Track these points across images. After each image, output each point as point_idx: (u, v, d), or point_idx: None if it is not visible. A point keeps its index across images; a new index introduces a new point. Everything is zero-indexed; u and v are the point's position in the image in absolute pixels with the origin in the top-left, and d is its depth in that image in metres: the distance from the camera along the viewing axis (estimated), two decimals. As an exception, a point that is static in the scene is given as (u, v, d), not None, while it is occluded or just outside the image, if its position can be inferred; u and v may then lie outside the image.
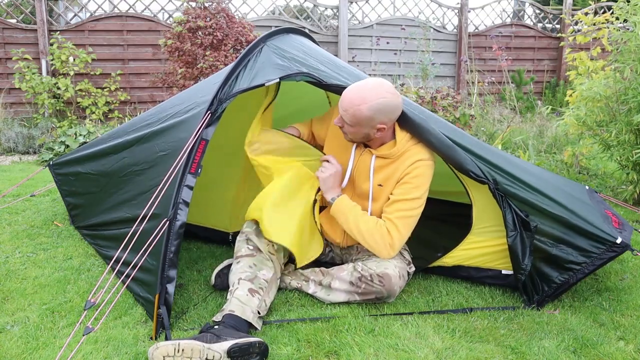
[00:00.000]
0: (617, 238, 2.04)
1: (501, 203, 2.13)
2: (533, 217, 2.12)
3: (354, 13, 7.98)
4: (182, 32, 5.88)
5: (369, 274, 2.11)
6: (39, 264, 2.53)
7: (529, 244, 2.10)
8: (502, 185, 2.13)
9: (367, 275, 2.11)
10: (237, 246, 2.19)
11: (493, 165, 2.18)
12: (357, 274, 2.13)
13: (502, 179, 2.15)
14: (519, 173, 2.22)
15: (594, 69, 4.04)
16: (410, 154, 2.18)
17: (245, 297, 1.95)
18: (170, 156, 2.12)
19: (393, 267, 2.13)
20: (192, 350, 1.63)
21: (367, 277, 2.11)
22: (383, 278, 2.09)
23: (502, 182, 2.14)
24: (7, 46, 6.47)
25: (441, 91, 5.30)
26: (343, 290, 2.15)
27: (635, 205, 3.59)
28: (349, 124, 2.12)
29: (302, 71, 2.16)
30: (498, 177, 2.15)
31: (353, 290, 2.13)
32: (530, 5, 8.83)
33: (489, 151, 2.34)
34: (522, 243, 2.11)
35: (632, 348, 1.87)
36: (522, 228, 2.11)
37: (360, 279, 2.12)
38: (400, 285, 2.15)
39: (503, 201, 2.13)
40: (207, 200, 2.75)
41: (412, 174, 2.17)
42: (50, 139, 5.61)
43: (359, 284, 2.12)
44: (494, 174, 2.15)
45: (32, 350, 1.79)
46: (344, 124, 2.16)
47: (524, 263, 2.11)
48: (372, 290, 2.11)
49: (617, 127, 3.54)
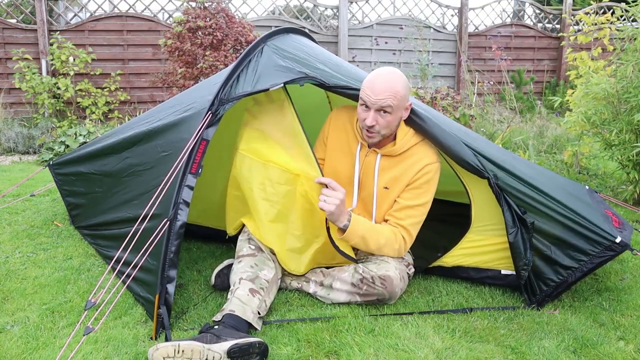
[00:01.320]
0: (617, 237, 2.04)
1: (500, 200, 2.14)
2: (532, 214, 2.13)
3: (354, 13, 7.98)
4: (182, 32, 5.88)
5: (370, 276, 2.11)
6: (39, 264, 2.53)
7: (528, 239, 2.12)
8: (501, 180, 2.14)
9: (369, 277, 2.11)
10: (238, 245, 2.20)
11: (493, 161, 2.18)
12: (359, 276, 2.13)
13: (502, 175, 2.16)
14: (519, 170, 2.23)
15: (595, 68, 4.04)
16: (418, 156, 2.19)
17: (246, 297, 1.95)
18: (171, 156, 2.12)
19: (394, 269, 2.14)
20: (192, 351, 1.63)
21: (368, 279, 2.11)
22: (385, 280, 2.09)
23: (501, 178, 2.15)
24: (7, 46, 6.47)
25: (441, 91, 5.30)
26: (344, 291, 2.15)
27: (635, 205, 3.59)
28: (389, 112, 2.08)
29: (306, 75, 2.15)
30: (498, 173, 2.16)
31: (354, 292, 2.13)
32: (530, 5, 8.83)
33: (490, 147, 2.35)
34: (522, 239, 2.12)
35: (632, 348, 1.87)
36: (520, 225, 2.13)
37: (362, 280, 2.12)
38: (402, 287, 2.16)
39: (501, 198, 2.14)
40: (206, 199, 2.75)
41: (422, 179, 2.19)
42: (50, 139, 5.61)
43: (361, 285, 2.12)
44: (495, 170, 2.16)
45: (32, 350, 1.79)
46: (380, 117, 2.10)
47: (527, 257, 2.12)
48: (373, 292, 2.11)
49: (618, 126, 3.54)
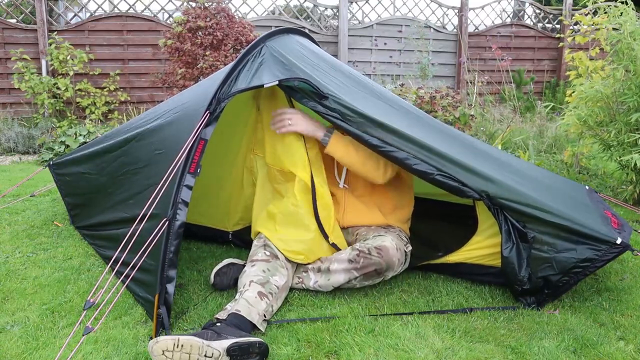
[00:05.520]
0: (617, 239, 2.04)
1: (497, 216, 2.11)
2: (531, 225, 2.08)
3: (354, 13, 7.98)
4: (182, 32, 5.88)
5: (366, 248, 2.15)
6: (39, 264, 2.53)
7: (525, 256, 2.08)
8: (496, 199, 2.10)
9: (365, 249, 2.14)
10: (253, 250, 2.22)
11: (486, 177, 2.14)
12: (355, 252, 2.16)
13: (497, 191, 2.10)
14: (515, 181, 2.19)
15: (593, 69, 4.04)
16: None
17: (254, 299, 1.95)
18: (165, 155, 2.12)
19: (390, 240, 2.17)
20: (191, 346, 1.63)
21: (364, 251, 2.14)
22: (381, 250, 2.12)
23: (496, 195, 2.10)
24: (7, 46, 6.47)
25: (440, 91, 5.29)
26: (342, 270, 2.16)
27: (635, 205, 3.58)
28: None
29: (298, 77, 2.14)
30: (492, 188, 2.11)
31: (352, 268, 2.15)
32: (530, 5, 8.83)
33: (483, 159, 2.30)
34: (518, 255, 2.09)
35: (632, 348, 1.87)
36: (519, 239, 2.09)
37: (358, 254, 2.15)
38: (399, 258, 2.17)
39: (499, 214, 2.11)
40: (206, 198, 2.75)
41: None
42: (50, 139, 5.61)
43: (357, 259, 2.14)
44: (488, 187, 2.11)
45: (32, 350, 1.79)
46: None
47: (521, 274, 2.08)
48: (370, 262, 2.12)
49: (617, 127, 3.55)
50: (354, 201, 2.44)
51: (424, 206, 2.83)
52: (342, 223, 2.45)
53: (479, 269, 2.32)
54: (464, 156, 2.21)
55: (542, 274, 2.09)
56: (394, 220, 2.43)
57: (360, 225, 2.43)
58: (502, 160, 2.50)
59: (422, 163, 2.11)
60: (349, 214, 2.44)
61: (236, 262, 2.34)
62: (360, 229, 2.41)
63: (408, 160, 2.11)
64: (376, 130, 2.12)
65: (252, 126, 2.61)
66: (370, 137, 2.12)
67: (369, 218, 2.42)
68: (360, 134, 2.12)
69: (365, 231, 2.38)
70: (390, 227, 2.39)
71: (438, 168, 2.11)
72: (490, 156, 2.46)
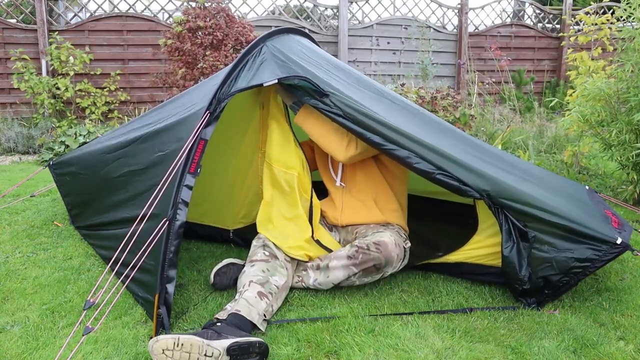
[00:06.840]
0: (617, 239, 2.04)
1: (497, 215, 2.11)
2: (532, 225, 2.08)
3: (354, 13, 7.98)
4: (182, 32, 5.87)
5: (365, 244, 2.15)
6: (39, 264, 2.53)
7: (526, 255, 2.08)
8: (497, 198, 2.10)
9: (364, 245, 2.15)
10: (252, 250, 2.22)
11: (487, 177, 2.13)
12: (354, 248, 2.17)
13: (498, 190, 2.10)
14: (516, 181, 2.19)
15: (595, 68, 4.04)
16: None
17: (254, 299, 1.96)
18: (169, 156, 2.12)
19: (388, 235, 2.19)
20: (191, 345, 1.63)
21: (363, 247, 2.15)
22: (379, 245, 2.13)
23: (497, 195, 2.10)
24: (7, 46, 6.47)
25: (441, 91, 5.30)
26: (341, 266, 2.16)
27: (635, 205, 3.58)
28: None
29: (298, 75, 2.15)
30: (493, 188, 2.11)
31: (351, 264, 2.15)
32: (530, 5, 8.83)
33: (483, 159, 2.30)
34: (518, 254, 2.08)
35: (632, 348, 1.87)
36: (519, 239, 2.09)
37: (357, 250, 2.15)
38: (397, 253, 2.17)
39: (499, 213, 2.11)
40: (206, 197, 2.75)
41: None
42: (50, 139, 5.61)
43: (356, 255, 2.15)
44: (489, 186, 2.11)
45: (32, 350, 1.79)
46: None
47: (521, 274, 2.08)
48: (369, 257, 2.12)
49: (618, 127, 3.54)
50: (351, 199, 2.44)
51: (424, 205, 2.84)
52: (340, 222, 2.45)
53: (479, 268, 2.32)
54: (465, 155, 2.22)
55: (542, 273, 2.09)
56: (392, 218, 2.43)
57: (359, 223, 2.43)
58: (503, 160, 2.49)
59: (423, 162, 2.11)
60: (347, 213, 2.45)
61: (236, 262, 2.34)
62: (360, 227, 2.41)
63: (409, 159, 2.11)
64: (378, 127, 2.13)
65: (257, 125, 2.61)
66: (372, 135, 2.12)
67: (367, 216, 2.42)
68: (362, 131, 2.12)
69: (364, 229, 2.39)
70: (389, 225, 2.40)
71: (439, 167, 2.11)
72: (491, 155, 2.46)
